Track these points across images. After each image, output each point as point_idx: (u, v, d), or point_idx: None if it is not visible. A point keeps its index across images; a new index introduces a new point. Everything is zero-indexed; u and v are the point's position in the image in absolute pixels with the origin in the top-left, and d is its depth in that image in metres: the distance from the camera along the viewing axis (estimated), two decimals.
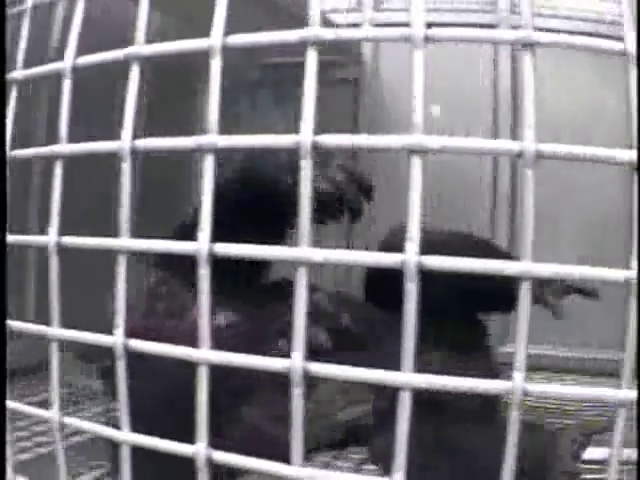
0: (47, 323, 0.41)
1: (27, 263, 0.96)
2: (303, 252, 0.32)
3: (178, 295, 0.70)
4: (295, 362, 0.33)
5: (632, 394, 0.31)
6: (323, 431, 0.75)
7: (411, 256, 0.31)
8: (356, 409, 0.77)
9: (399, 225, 0.36)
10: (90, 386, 0.85)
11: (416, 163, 0.31)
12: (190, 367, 0.59)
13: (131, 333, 0.41)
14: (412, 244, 0.31)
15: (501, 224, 1.17)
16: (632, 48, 0.31)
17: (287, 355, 0.34)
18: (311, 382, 0.33)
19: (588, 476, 0.67)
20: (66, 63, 0.40)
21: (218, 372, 0.35)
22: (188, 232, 0.37)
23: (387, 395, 0.77)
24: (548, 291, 0.80)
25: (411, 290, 0.31)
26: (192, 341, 0.36)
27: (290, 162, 0.66)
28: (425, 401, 0.32)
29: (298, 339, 0.33)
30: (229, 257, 0.34)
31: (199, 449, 0.34)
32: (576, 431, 0.66)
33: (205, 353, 0.35)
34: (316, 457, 0.74)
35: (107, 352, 0.68)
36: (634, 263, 0.31)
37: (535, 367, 1.01)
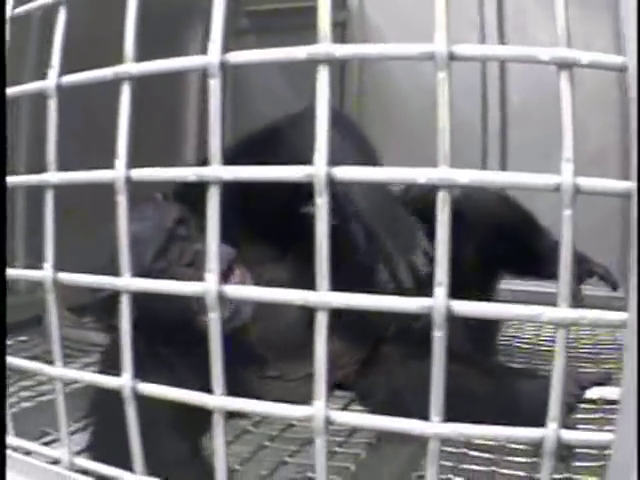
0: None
1: None
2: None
3: None
4: (211, 285, 0.33)
5: (572, 313, 0.29)
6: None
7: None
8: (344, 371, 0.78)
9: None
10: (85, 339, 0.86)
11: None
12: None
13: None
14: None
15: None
16: None
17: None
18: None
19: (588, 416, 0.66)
20: None
21: None
22: None
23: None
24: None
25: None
26: None
27: None
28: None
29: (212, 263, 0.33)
30: None
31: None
32: (569, 382, 0.63)
33: (127, 280, 0.35)
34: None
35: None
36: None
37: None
